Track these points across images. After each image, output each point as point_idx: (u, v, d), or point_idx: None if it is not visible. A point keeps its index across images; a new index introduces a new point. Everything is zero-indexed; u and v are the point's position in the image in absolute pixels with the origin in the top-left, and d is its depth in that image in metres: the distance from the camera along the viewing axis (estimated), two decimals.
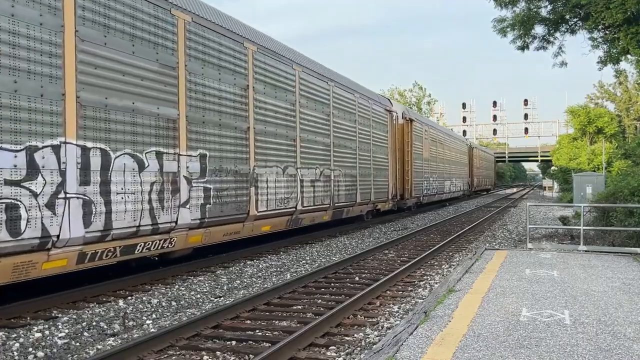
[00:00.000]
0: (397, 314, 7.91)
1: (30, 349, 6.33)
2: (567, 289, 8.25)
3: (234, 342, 6.65)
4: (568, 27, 18.26)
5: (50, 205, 7.49)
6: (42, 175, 7.40)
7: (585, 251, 12.49)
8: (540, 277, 9.16)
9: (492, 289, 8.18)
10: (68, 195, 7.76)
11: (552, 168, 51.73)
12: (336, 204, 17.45)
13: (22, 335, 6.70)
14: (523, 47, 18.70)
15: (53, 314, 7.78)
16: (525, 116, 71.73)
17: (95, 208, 8.25)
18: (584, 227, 13.21)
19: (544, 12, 17.97)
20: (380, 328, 7.15)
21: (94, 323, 7.35)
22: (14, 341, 6.49)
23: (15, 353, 6.19)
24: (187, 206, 10.23)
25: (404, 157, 25.74)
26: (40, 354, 6.24)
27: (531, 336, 5.78)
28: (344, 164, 18.27)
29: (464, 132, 73.37)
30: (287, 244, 15.19)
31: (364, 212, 20.52)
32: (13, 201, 7.00)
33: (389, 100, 24.58)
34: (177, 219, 9.97)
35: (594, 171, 33.30)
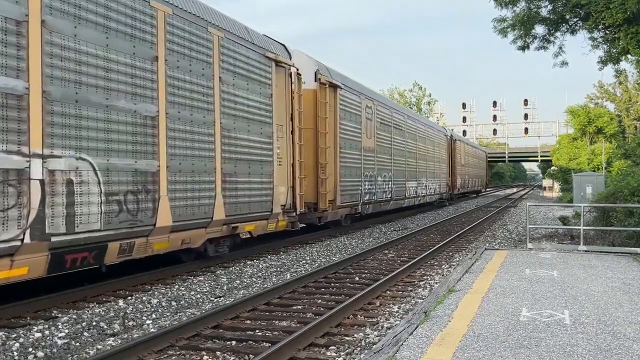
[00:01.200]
0: (397, 314, 7.91)
1: (30, 349, 6.33)
2: (567, 289, 8.25)
3: (234, 342, 6.65)
4: (568, 27, 18.25)
5: None
6: None
7: (585, 251, 12.48)
8: (540, 277, 9.15)
9: (492, 289, 8.18)
10: None
11: (552, 168, 51.70)
12: (53, 237, 7.56)
13: (22, 335, 6.70)
14: (523, 47, 18.69)
15: (53, 314, 7.78)
16: (525, 116, 71.74)
17: None
18: (584, 227, 13.21)
19: (544, 12, 17.96)
20: (380, 328, 7.15)
21: (94, 323, 7.35)
22: (14, 341, 6.49)
23: (15, 353, 6.19)
24: None
25: (319, 143, 16.59)
26: (40, 354, 6.24)
27: (531, 336, 5.77)
28: (107, 144, 8.57)
29: (464, 132, 73.30)
30: (287, 244, 15.18)
31: (194, 242, 10.76)
32: None
33: (283, 46, 14.91)
34: None
35: (594, 171, 33.31)
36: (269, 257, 13.08)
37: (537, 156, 74.94)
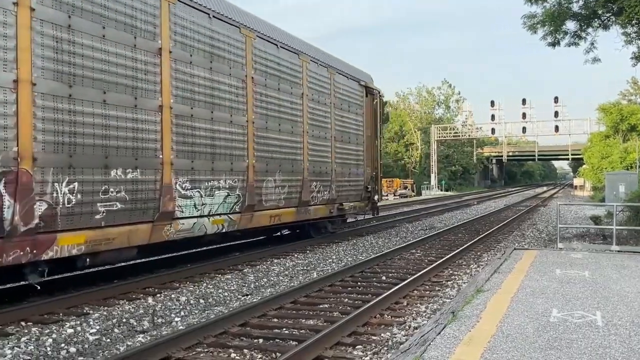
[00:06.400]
0: (424, 314, 7.85)
1: (63, 345, 6.47)
2: (599, 289, 8.07)
3: (261, 340, 6.69)
4: (600, 22, 17.82)
5: None
6: None
7: (618, 251, 12.21)
8: (571, 278, 8.98)
9: (521, 289, 8.05)
10: None
11: (584, 167, 50.65)
12: None
13: (55, 331, 6.85)
14: (554, 44, 18.30)
15: (85, 311, 7.94)
16: (556, 114, 70.12)
17: None
18: (617, 227, 12.92)
19: (575, 8, 17.57)
20: (407, 328, 7.11)
21: (124, 320, 7.47)
22: (47, 337, 6.65)
23: (49, 348, 6.34)
24: None
25: None
26: (72, 349, 6.37)
27: (562, 337, 5.67)
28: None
29: (493, 130, 72.30)
30: (313, 243, 15.20)
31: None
32: None
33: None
34: None
35: (627, 170, 32.55)
36: (296, 255, 13.12)
37: (567, 154, 73.53)
